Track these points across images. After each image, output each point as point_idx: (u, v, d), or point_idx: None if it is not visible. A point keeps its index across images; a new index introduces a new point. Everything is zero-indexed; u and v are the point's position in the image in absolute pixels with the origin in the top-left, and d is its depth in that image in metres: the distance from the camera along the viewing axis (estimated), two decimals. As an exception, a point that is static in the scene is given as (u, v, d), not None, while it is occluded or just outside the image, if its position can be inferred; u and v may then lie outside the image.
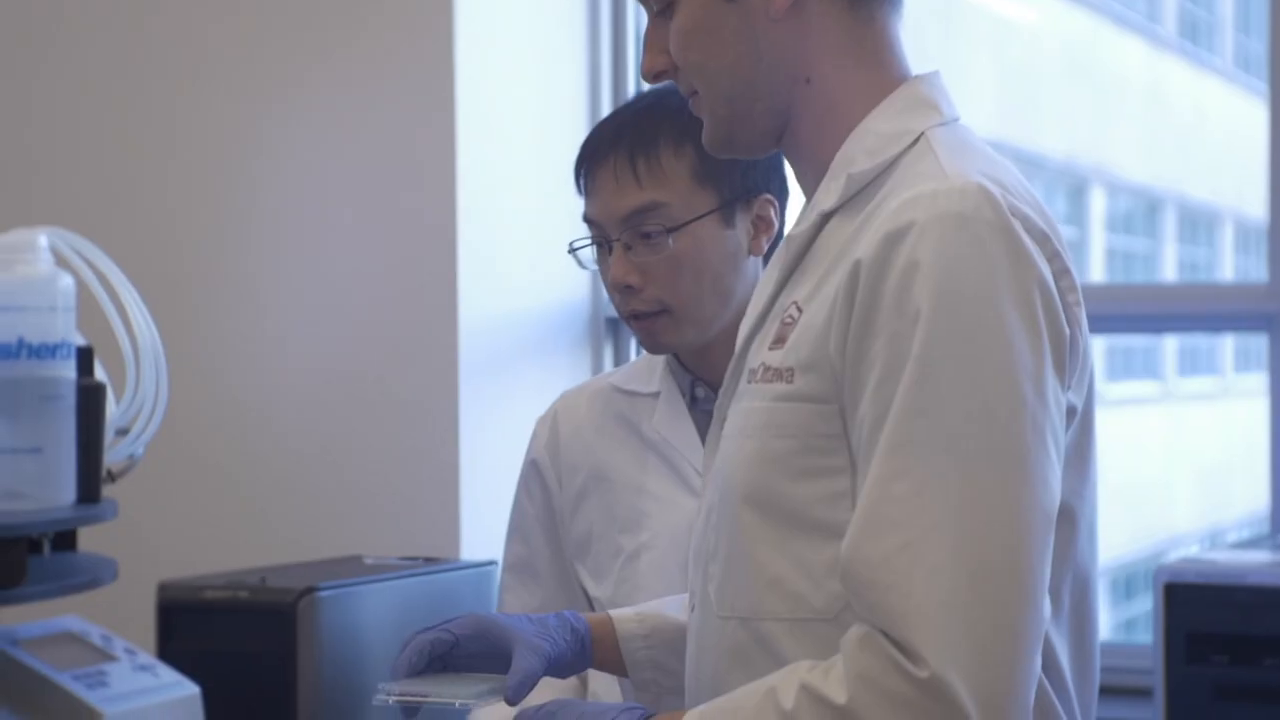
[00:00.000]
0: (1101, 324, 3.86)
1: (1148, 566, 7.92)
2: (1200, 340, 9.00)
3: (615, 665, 2.12)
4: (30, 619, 2.18)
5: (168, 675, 2.19)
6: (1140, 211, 9.46)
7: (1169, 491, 9.10)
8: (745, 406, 1.82)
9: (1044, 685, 1.74)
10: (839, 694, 1.65)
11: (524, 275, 3.54)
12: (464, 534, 3.38)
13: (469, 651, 1.99)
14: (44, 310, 1.86)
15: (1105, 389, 8.43)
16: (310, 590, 2.56)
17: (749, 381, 1.83)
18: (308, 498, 3.46)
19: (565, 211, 2.60)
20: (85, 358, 1.96)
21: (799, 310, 1.79)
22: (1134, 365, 9.08)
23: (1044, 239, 1.74)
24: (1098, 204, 8.94)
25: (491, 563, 2.81)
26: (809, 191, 1.88)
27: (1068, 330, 1.73)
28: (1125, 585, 8.33)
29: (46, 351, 1.86)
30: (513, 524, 2.72)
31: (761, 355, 1.82)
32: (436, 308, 3.41)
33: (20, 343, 1.84)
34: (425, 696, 1.94)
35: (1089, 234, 8.84)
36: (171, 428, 2.16)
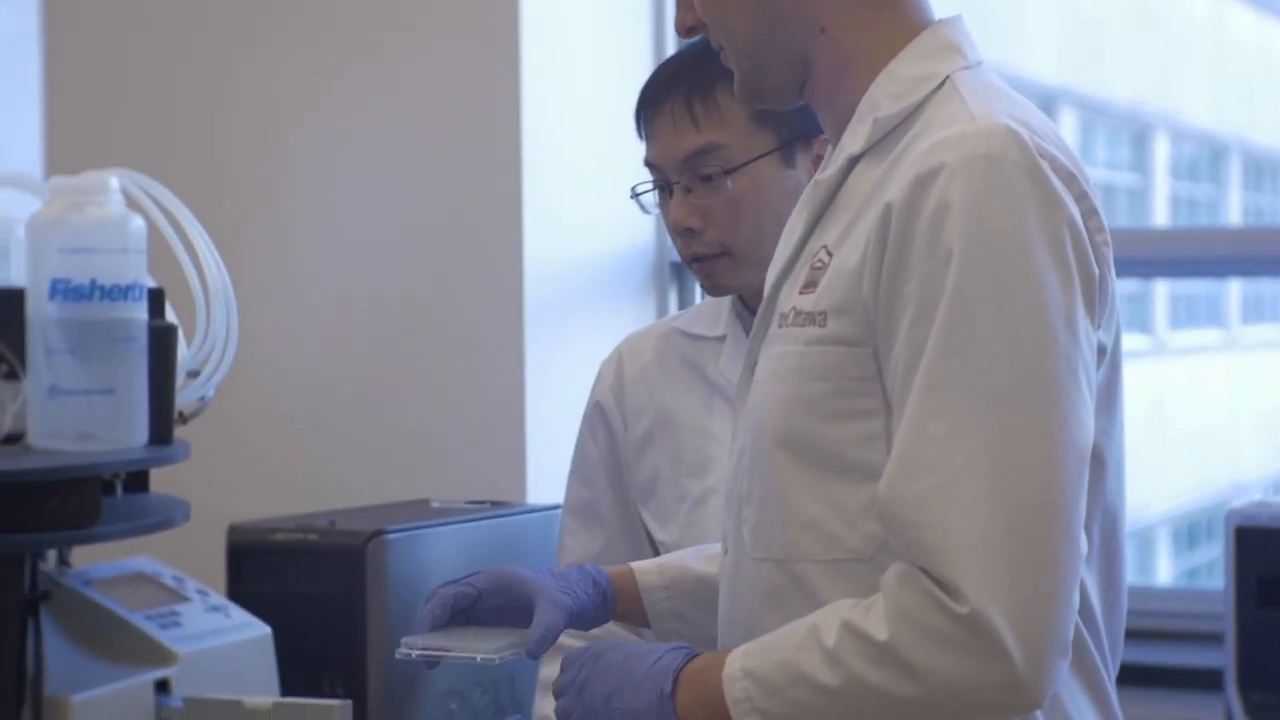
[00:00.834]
0: (1165, 268, 3.85)
1: (1211, 514, 7.88)
2: (1264, 287, 8.94)
3: (638, 617, 2.14)
4: (103, 560, 2.19)
5: (239, 616, 2.20)
6: (1205, 158, 9.40)
7: (1233, 439, 9.06)
8: (776, 351, 1.84)
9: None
10: (880, 631, 1.68)
11: (589, 218, 3.53)
12: (530, 478, 3.38)
13: (491, 605, 2.03)
14: (116, 252, 1.86)
15: (1169, 337, 8.38)
16: (379, 533, 2.57)
17: (779, 326, 1.85)
18: (374, 442, 3.47)
19: (630, 154, 2.59)
20: (156, 300, 1.97)
21: (829, 254, 1.81)
22: (1198, 313, 9.03)
23: (1071, 179, 1.75)
24: (1162, 150, 8.89)
25: (558, 506, 2.81)
26: (834, 138, 1.90)
27: (1097, 270, 1.75)
28: (1188, 533, 8.30)
29: (119, 293, 1.86)
30: (575, 466, 2.72)
31: (792, 300, 1.84)
32: (502, 251, 3.41)
33: (92, 284, 1.84)
34: (448, 651, 1.96)
35: (1153, 181, 8.80)
36: (240, 371, 2.16)
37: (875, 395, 1.76)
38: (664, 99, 2.48)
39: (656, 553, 2.57)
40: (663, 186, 2.50)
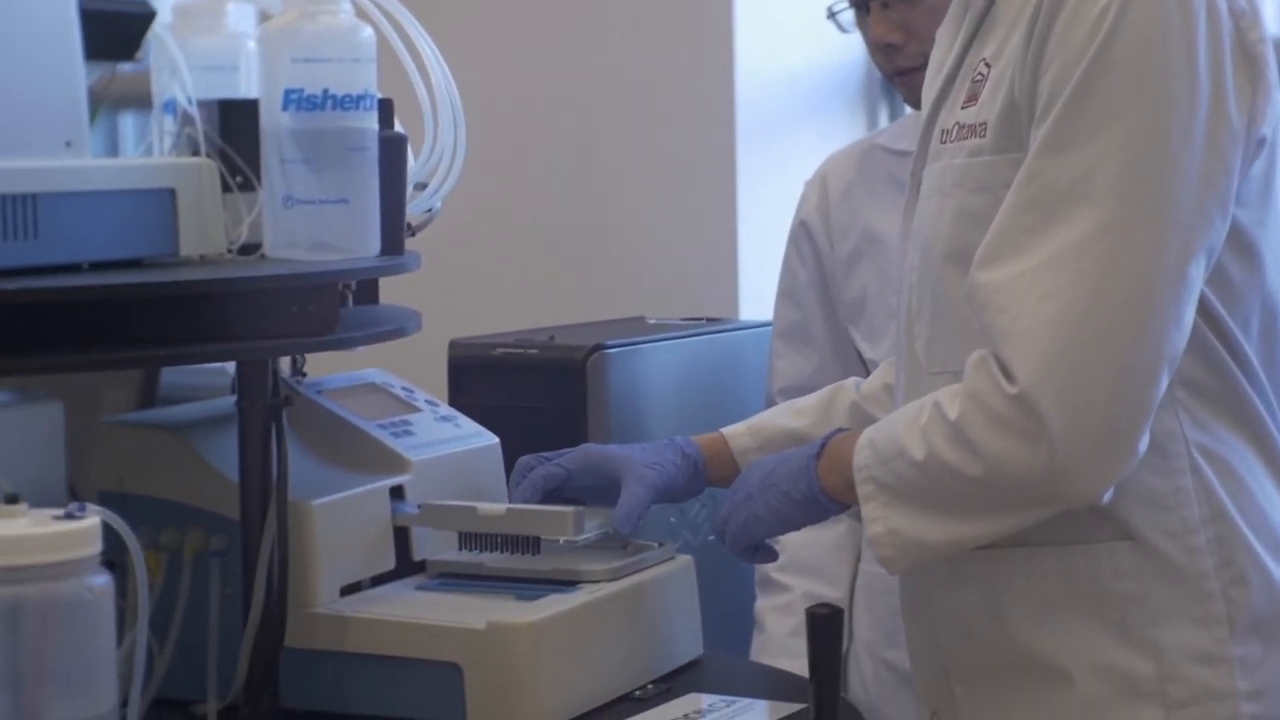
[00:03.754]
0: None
1: None
2: None
3: (733, 482, 2.14)
4: (332, 372, 2.22)
5: (468, 426, 2.22)
6: None
7: None
8: (941, 166, 1.85)
9: (1246, 392, 1.80)
10: (953, 410, 1.73)
11: (800, 33, 3.50)
12: (742, 295, 3.39)
13: (581, 485, 2.08)
14: (347, 62, 1.85)
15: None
16: (598, 348, 2.58)
17: (941, 142, 1.86)
18: (589, 259, 3.49)
19: (841, -35, 2.57)
20: (386, 110, 1.97)
21: (988, 66, 1.82)
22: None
23: None
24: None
25: (770, 323, 2.81)
26: None
27: (1250, 69, 1.73)
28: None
29: (350, 102, 1.85)
30: (783, 288, 2.71)
31: (955, 115, 1.85)
32: (714, 67, 3.40)
33: (325, 94, 1.84)
34: None
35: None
36: (463, 186, 2.16)
37: None
38: (855, -86, 2.46)
39: (867, 372, 2.57)
40: (860, 4, 2.48)
